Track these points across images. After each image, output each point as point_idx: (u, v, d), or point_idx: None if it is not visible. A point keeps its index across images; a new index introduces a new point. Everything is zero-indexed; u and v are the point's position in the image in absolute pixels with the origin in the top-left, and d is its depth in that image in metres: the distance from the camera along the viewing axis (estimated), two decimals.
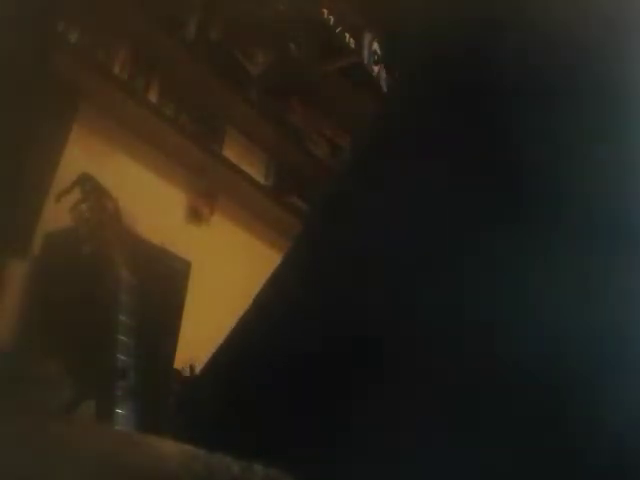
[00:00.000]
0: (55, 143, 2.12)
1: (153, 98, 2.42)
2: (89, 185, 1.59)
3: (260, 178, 2.79)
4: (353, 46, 2.89)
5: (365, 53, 2.94)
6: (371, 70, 2.95)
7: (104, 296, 1.49)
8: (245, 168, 2.67)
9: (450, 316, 0.40)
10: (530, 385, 0.38)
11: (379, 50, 2.97)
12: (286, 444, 0.38)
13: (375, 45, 2.98)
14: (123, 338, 1.39)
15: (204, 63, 2.48)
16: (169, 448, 0.33)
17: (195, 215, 2.61)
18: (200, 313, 2.26)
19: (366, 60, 2.94)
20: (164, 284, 2.06)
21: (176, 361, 2.08)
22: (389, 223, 0.44)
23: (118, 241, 1.55)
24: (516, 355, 0.38)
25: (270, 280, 0.47)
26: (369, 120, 0.55)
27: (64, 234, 1.82)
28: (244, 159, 2.73)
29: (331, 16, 2.80)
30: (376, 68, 2.96)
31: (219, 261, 2.60)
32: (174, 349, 2.05)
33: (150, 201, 2.38)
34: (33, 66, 2.01)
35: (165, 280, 2.09)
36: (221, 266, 2.60)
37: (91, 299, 1.60)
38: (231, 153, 2.68)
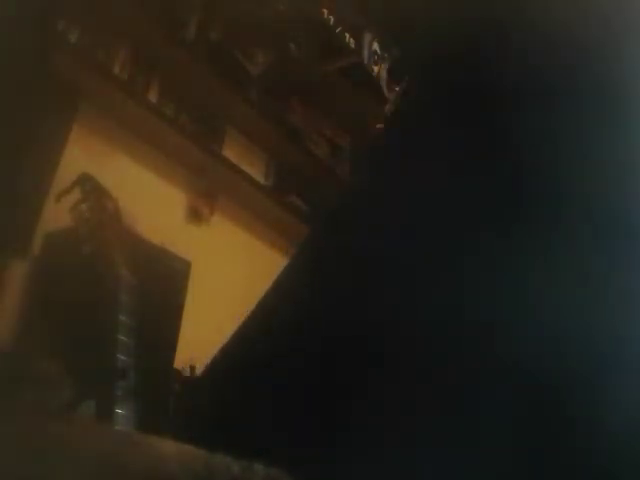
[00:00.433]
0: (55, 143, 2.12)
1: (153, 98, 2.42)
2: (89, 185, 1.59)
3: (260, 178, 2.79)
4: (353, 46, 2.89)
5: (365, 53, 2.94)
6: (371, 70, 2.95)
7: (104, 296, 1.49)
8: (245, 168, 2.67)
9: (450, 316, 0.40)
10: (530, 385, 0.38)
11: (379, 50, 2.97)
12: (287, 444, 0.38)
13: (375, 45, 2.98)
14: (123, 338, 1.39)
15: (204, 63, 2.48)
16: (169, 448, 0.33)
17: (195, 215, 2.61)
18: (200, 313, 2.26)
19: (366, 60, 2.94)
20: (164, 284, 2.06)
21: (176, 361, 2.08)
22: (390, 224, 0.44)
23: (118, 241, 1.55)
24: (516, 355, 0.38)
25: (273, 284, 0.48)
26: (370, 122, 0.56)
27: (64, 234, 1.82)
28: (244, 159, 2.73)
29: (331, 16, 2.80)
30: (376, 68, 2.96)
31: (219, 261, 2.60)
32: (174, 349, 2.05)
33: (150, 201, 2.38)
34: (33, 66, 2.01)
35: (165, 280, 2.09)
36: (221, 266, 2.60)
37: (91, 299, 1.60)
38: (231, 153, 2.68)
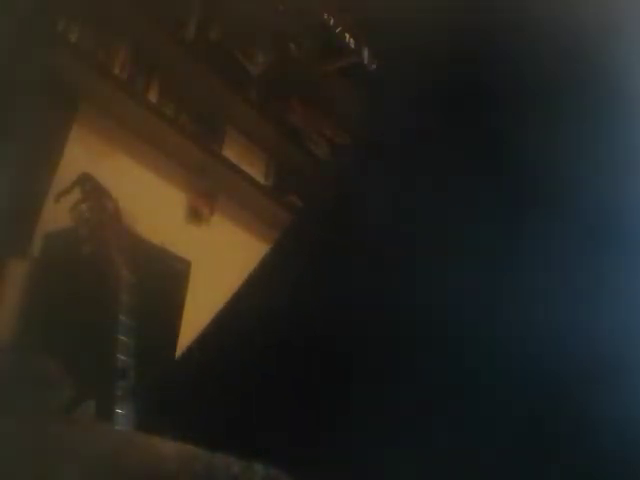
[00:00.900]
0: (55, 143, 2.12)
1: (153, 98, 2.42)
2: (89, 185, 1.59)
3: (260, 178, 2.79)
4: (353, 46, 2.89)
5: (365, 53, 2.94)
6: (371, 70, 2.95)
7: (104, 296, 1.49)
8: (245, 168, 2.67)
9: (445, 316, 0.40)
10: (528, 384, 0.38)
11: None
12: (263, 440, 0.37)
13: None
14: (123, 338, 1.39)
15: (204, 63, 2.47)
16: (169, 448, 0.33)
17: (195, 215, 2.61)
18: (200, 313, 2.26)
19: (366, 60, 2.94)
20: (164, 284, 2.06)
21: None
22: (379, 223, 0.44)
23: (118, 241, 1.55)
24: (514, 355, 0.38)
25: (254, 274, 0.47)
26: (361, 120, 0.56)
27: (64, 234, 1.82)
28: (244, 159, 2.73)
29: (331, 16, 2.80)
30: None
31: (219, 261, 2.59)
32: (174, 349, 2.05)
33: (150, 201, 2.37)
34: (33, 66, 2.01)
35: (165, 280, 2.09)
36: (221, 266, 2.60)
37: (91, 299, 1.60)
38: (231, 153, 2.67)
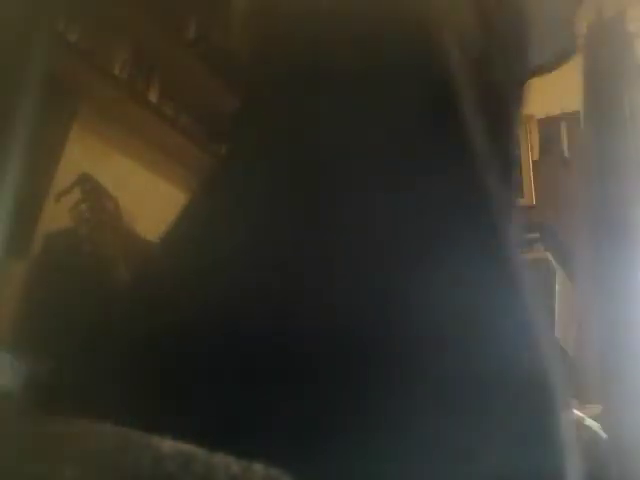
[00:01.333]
0: (55, 143, 2.12)
1: (153, 98, 2.42)
2: (89, 185, 1.59)
3: None
4: None
5: None
6: None
7: (104, 296, 1.48)
8: None
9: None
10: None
11: None
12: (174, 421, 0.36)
13: None
14: None
15: (204, 63, 2.47)
16: (169, 448, 0.33)
17: None
18: None
19: None
20: None
21: None
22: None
23: (118, 241, 1.55)
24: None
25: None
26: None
27: (64, 234, 1.82)
28: None
29: None
30: None
31: None
32: None
33: (150, 201, 2.37)
34: (33, 66, 2.01)
35: None
36: None
37: (91, 299, 1.60)
38: None
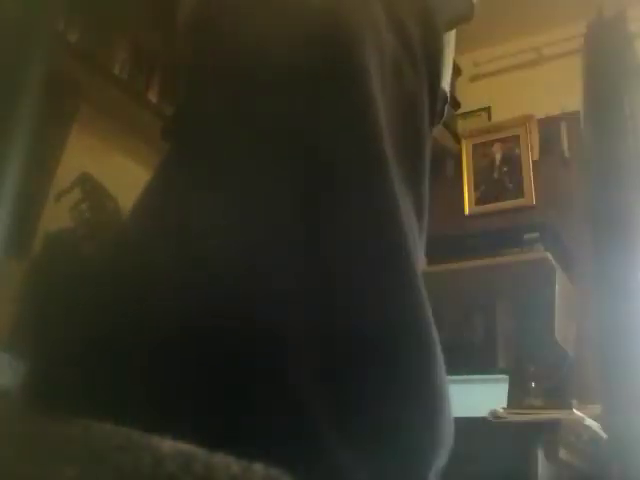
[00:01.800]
0: (55, 143, 2.12)
1: (153, 98, 2.42)
2: (89, 185, 1.59)
3: None
4: None
5: None
6: None
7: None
8: None
9: None
10: None
11: None
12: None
13: None
14: None
15: None
16: (169, 448, 0.33)
17: None
18: None
19: None
20: None
21: None
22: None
23: None
24: None
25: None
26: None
27: (64, 234, 1.82)
28: None
29: None
30: None
31: None
32: None
33: None
34: (33, 66, 2.01)
35: None
36: None
37: (90, 299, 1.60)
38: None
